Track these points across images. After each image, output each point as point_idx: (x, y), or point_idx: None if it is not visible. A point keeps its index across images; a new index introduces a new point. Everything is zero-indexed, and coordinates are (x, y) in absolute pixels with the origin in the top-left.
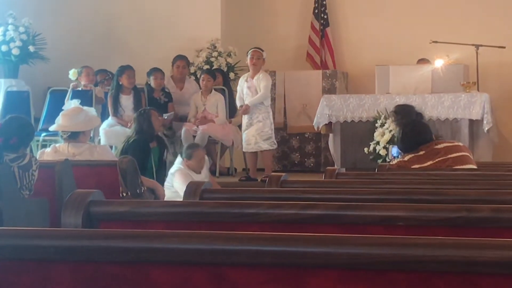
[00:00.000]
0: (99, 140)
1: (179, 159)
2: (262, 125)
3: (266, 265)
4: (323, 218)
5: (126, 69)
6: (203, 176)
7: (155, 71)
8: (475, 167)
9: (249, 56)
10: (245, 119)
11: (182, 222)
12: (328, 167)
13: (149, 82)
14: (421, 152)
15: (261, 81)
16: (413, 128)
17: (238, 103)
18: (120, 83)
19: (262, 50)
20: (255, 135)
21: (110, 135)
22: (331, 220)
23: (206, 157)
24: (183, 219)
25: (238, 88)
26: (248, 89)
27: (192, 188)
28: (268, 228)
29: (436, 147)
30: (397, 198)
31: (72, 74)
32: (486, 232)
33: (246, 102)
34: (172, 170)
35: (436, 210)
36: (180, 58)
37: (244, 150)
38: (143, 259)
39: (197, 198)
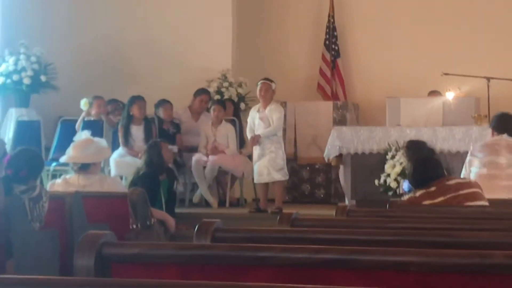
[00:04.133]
0: (110, 170)
1: None
2: (275, 155)
3: None
4: (335, 262)
5: (137, 100)
6: None
7: (165, 103)
8: (486, 203)
9: (258, 88)
10: (256, 150)
11: (195, 265)
12: (339, 204)
13: (157, 114)
14: (432, 188)
15: (274, 112)
16: (424, 164)
17: (248, 135)
18: (131, 113)
19: (271, 81)
20: (267, 166)
21: (120, 165)
22: (343, 265)
23: None
24: (196, 262)
25: (249, 119)
26: (261, 119)
27: (203, 228)
28: (281, 272)
29: (448, 183)
30: (408, 240)
31: (84, 104)
32: (498, 279)
33: (258, 133)
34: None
35: (448, 256)
36: (205, 92)
37: (256, 181)
38: None
39: (209, 238)
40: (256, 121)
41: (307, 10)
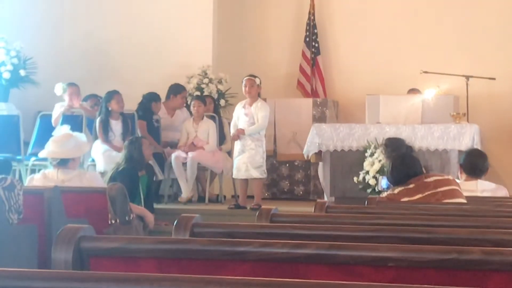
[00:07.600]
0: (89, 166)
1: None
2: (254, 153)
3: None
4: (314, 257)
5: (114, 94)
6: None
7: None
8: (464, 201)
9: (243, 84)
10: (237, 146)
11: (173, 259)
12: (318, 200)
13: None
14: (411, 185)
15: (260, 110)
16: (403, 161)
17: (232, 130)
18: (109, 108)
19: (255, 77)
20: (246, 162)
21: (108, 160)
22: (322, 260)
23: None
24: (174, 256)
25: (234, 114)
26: (245, 115)
27: (182, 222)
28: (259, 266)
29: (426, 180)
30: (387, 235)
31: (61, 88)
32: (476, 275)
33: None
34: None
35: (426, 252)
36: (185, 89)
37: (234, 176)
38: None
39: (187, 233)
40: (240, 116)
41: (288, 7)
